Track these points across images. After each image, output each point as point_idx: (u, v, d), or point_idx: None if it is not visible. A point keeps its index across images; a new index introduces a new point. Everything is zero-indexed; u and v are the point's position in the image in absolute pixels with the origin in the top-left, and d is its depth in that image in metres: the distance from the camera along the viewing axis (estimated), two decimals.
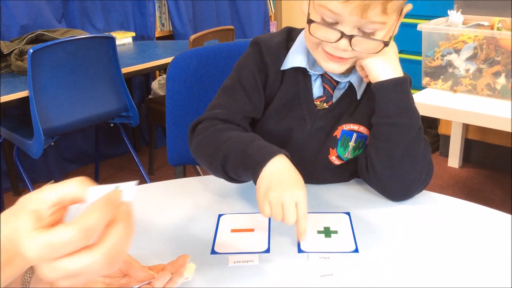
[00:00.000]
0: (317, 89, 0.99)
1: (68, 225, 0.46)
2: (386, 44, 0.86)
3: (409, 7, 0.90)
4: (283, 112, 1.00)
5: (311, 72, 0.97)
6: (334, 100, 0.99)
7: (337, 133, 0.98)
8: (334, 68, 0.91)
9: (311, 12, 0.87)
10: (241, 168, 0.85)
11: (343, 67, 0.91)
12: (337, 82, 0.98)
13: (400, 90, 0.90)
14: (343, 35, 0.84)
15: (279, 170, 0.80)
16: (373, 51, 0.87)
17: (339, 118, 0.99)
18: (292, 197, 0.77)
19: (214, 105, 0.98)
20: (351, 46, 0.85)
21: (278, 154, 0.82)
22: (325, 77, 0.98)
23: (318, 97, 0.99)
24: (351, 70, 0.97)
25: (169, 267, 0.71)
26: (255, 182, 0.81)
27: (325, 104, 0.99)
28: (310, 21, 0.87)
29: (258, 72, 0.98)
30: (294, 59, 0.97)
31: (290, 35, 1.02)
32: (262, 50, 0.99)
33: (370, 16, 0.82)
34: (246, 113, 0.97)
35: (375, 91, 0.91)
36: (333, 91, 0.99)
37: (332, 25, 0.85)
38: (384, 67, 0.90)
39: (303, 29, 1.00)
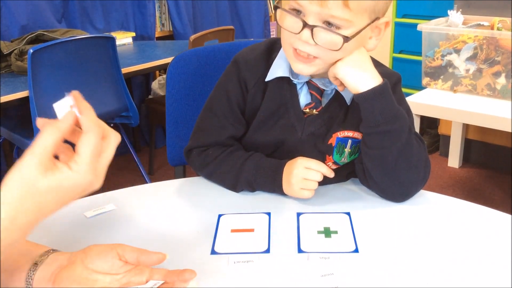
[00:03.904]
0: (304, 96, 0.99)
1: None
2: (346, 39, 0.83)
3: (386, 19, 0.89)
4: (271, 121, 1.00)
5: (295, 81, 0.97)
6: (323, 105, 0.99)
7: (332, 141, 0.98)
8: (302, 69, 0.90)
9: (283, 2, 0.88)
10: (265, 186, 0.99)
11: (310, 68, 0.90)
12: (323, 89, 0.98)
13: (383, 98, 0.88)
14: (305, 24, 0.84)
15: (285, 174, 0.95)
16: (334, 47, 0.84)
17: (330, 122, 0.98)
18: (299, 168, 0.93)
19: (198, 129, 1.06)
20: (313, 38, 0.84)
21: (281, 165, 0.97)
22: (311, 84, 0.98)
23: (307, 104, 0.99)
24: None
25: (172, 276, 0.69)
26: (282, 190, 0.96)
27: (314, 110, 0.98)
28: (276, 7, 0.88)
29: (234, 91, 1.01)
30: (278, 69, 0.98)
31: (273, 45, 1.02)
32: (240, 66, 1.00)
33: (331, 7, 0.81)
34: (228, 134, 1.02)
35: (358, 102, 0.90)
36: (321, 97, 0.99)
37: (297, 13, 0.85)
38: (362, 76, 0.88)
39: None
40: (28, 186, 0.57)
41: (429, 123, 3.08)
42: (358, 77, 0.88)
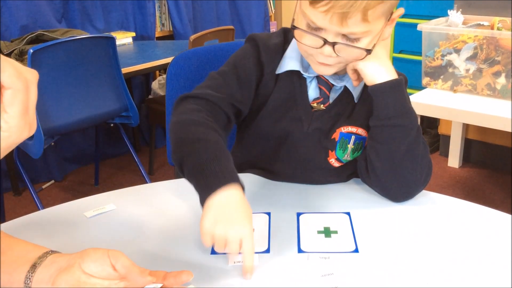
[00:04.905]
0: (313, 90, 0.99)
1: None
2: (368, 52, 0.86)
3: (400, 11, 0.90)
4: (278, 113, 1.00)
5: (305, 74, 0.98)
6: (330, 101, 0.99)
7: (336, 135, 0.98)
8: (324, 71, 0.92)
9: (298, 18, 0.88)
10: (193, 181, 0.81)
11: (332, 70, 0.92)
12: (333, 84, 0.99)
13: (397, 92, 0.90)
14: (326, 42, 0.85)
15: (228, 203, 0.76)
16: (357, 58, 0.88)
17: (336, 118, 0.99)
18: (237, 234, 0.74)
19: (205, 86, 0.97)
20: (335, 52, 0.85)
21: (232, 184, 0.77)
22: (321, 79, 0.99)
23: (315, 99, 0.99)
24: (345, 71, 0.97)
25: (169, 278, 0.69)
26: (202, 205, 0.77)
27: (322, 105, 0.99)
28: (293, 28, 0.88)
29: (254, 67, 0.99)
30: (289, 62, 0.98)
31: (286, 37, 1.02)
32: (260, 48, 0.99)
33: (350, 25, 0.82)
34: (233, 100, 0.96)
35: (372, 94, 0.92)
36: (329, 92, 0.99)
37: (316, 31, 0.85)
38: (379, 70, 0.90)
39: None
40: None
41: (429, 123, 3.08)
42: (376, 69, 0.90)
